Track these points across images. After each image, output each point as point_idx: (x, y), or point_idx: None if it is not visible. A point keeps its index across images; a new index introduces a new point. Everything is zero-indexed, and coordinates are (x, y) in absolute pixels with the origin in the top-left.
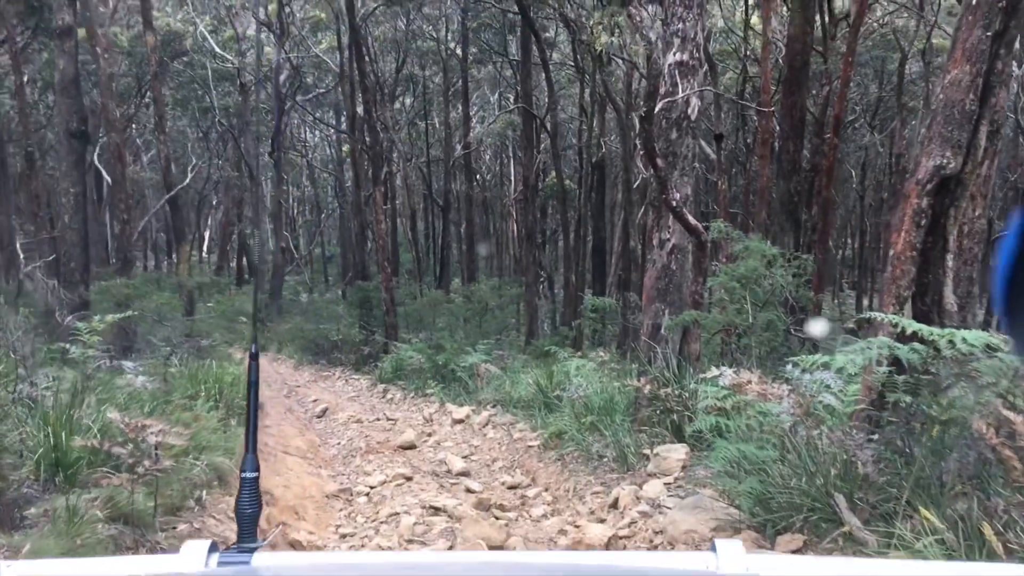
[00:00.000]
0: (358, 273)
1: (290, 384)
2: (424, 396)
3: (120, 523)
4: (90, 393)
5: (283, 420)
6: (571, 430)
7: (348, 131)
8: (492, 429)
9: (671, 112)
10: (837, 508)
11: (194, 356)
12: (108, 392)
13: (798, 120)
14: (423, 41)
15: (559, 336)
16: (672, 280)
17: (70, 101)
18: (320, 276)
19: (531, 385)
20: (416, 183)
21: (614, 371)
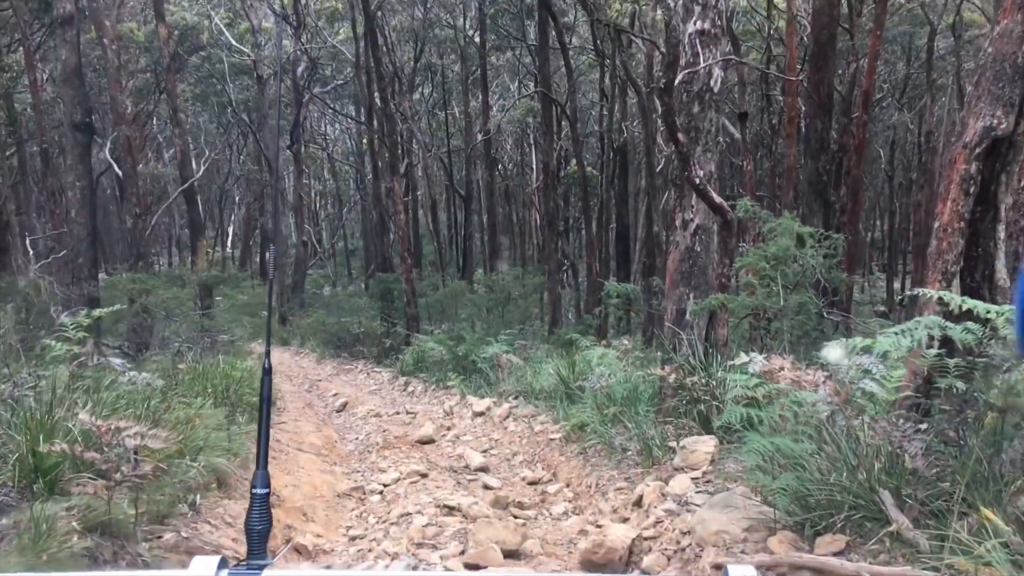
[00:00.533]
0: (379, 265)
1: (311, 378)
2: (445, 388)
3: (97, 534)
4: (81, 393)
5: (301, 415)
6: (593, 422)
7: (366, 121)
8: (513, 422)
9: (692, 85)
10: (883, 505)
11: (209, 352)
12: (105, 391)
13: (826, 97)
14: (440, 29)
15: (583, 325)
16: (697, 263)
17: (73, 92)
18: (343, 269)
19: (553, 375)
20: (437, 174)
21: (638, 360)
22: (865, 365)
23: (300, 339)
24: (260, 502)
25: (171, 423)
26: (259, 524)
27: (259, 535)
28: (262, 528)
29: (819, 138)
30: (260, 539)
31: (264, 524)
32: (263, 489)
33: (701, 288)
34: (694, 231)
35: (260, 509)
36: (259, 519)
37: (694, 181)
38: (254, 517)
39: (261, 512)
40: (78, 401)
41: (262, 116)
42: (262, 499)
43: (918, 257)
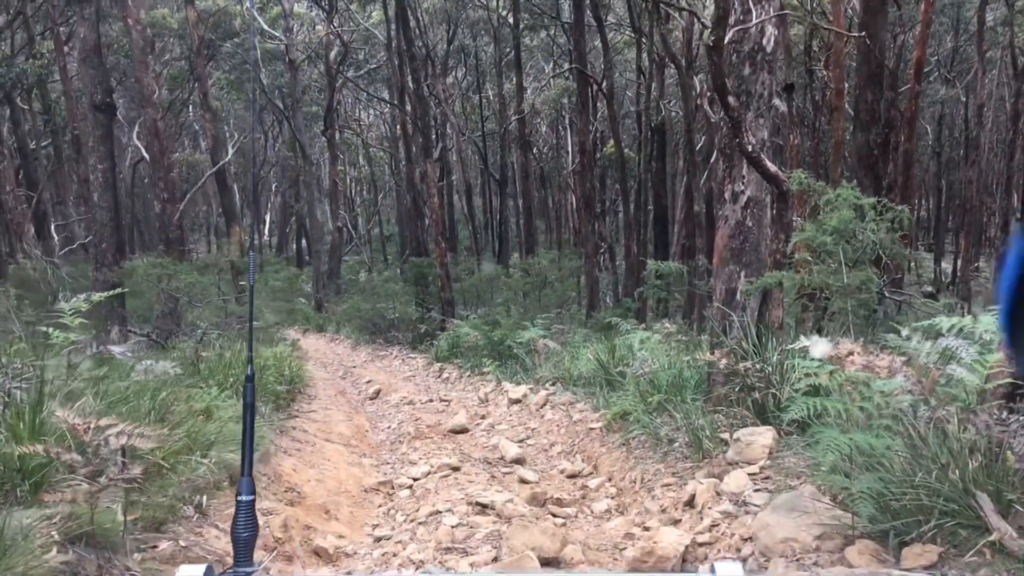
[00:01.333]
0: (414, 250)
1: (346, 365)
2: (481, 375)
3: (81, 545)
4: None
5: (333, 404)
6: (636, 410)
7: (398, 104)
8: (551, 410)
9: (743, 44)
10: (981, 511)
11: (238, 338)
12: (111, 383)
13: (876, 66)
14: (473, 10)
15: (622, 308)
16: (748, 238)
17: (93, 71)
18: (379, 255)
19: (592, 361)
20: (472, 158)
21: (682, 343)
22: (953, 348)
23: (336, 325)
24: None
25: (181, 416)
26: (245, 531)
27: (245, 542)
28: (248, 535)
29: (869, 110)
30: (246, 546)
31: (250, 531)
32: (248, 496)
33: (753, 266)
34: (745, 204)
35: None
36: (245, 526)
37: (746, 148)
38: (240, 524)
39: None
40: (74, 395)
41: (295, 101)
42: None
43: (969, 235)
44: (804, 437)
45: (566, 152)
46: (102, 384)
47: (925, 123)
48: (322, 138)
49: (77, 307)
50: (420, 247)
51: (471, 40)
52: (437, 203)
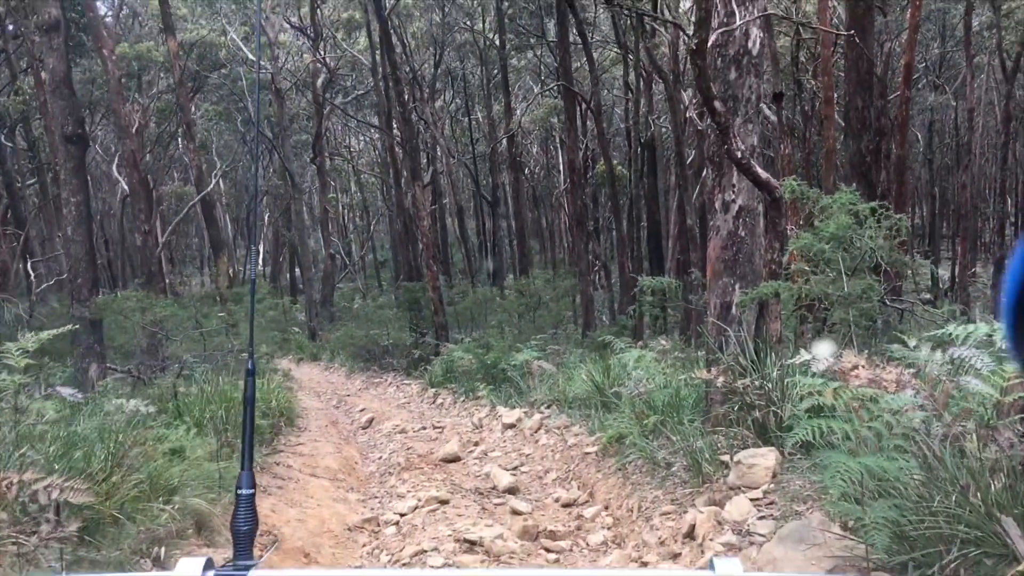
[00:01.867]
0: (407, 275)
1: (340, 393)
2: (475, 399)
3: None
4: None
5: (323, 435)
6: (632, 433)
7: (385, 128)
8: (545, 434)
9: (727, 48)
10: (1006, 536)
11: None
12: (61, 428)
13: (865, 73)
14: (460, 33)
15: (617, 326)
16: (741, 249)
17: (63, 103)
18: (374, 281)
19: (586, 382)
20: (463, 180)
21: (678, 361)
22: (966, 358)
23: (330, 354)
24: (245, 503)
25: (144, 459)
26: (244, 525)
27: (245, 536)
28: (247, 529)
29: (860, 117)
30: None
31: (249, 525)
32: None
33: (748, 277)
34: (736, 213)
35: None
36: (244, 520)
37: (735, 155)
38: (240, 518)
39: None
40: (28, 439)
41: (283, 130)
42: (247, 500)
43: (965, 241)
44: (809, 458)
45: (558, 172)
46: (55, 429)
47: (915, 130)
48: (312, 166)
49: (23, 346)
50: (413, 271)
51: (458, 63)
52: (428, 226)
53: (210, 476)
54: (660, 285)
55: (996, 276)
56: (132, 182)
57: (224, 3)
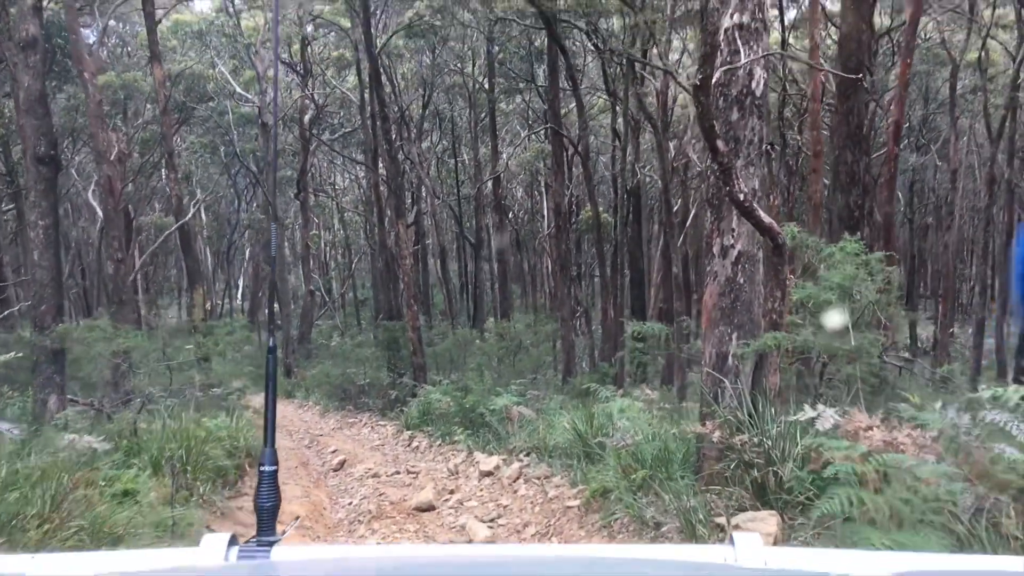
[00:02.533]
0: (388, 314)
1: (313, 433)
2: (451, 443)
3: None
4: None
5: (291, 477)
6: (618, 488)
7: (371, 164)
8: (524, 484)
9: (730, 88)
10: None
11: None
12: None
13: (855, 127)
14: (449, 75)
15: (598, 373)
16: (740, 297)
17: (37, 122)
18: (353, 319)
19: (568, 430)
20: (447, 222)
21: (665, 411)
22: (1000, 422)
23: (305, 391)
24: (268, 479)
25: (87, 504)
26: (268, 501)
27: (268, 512)
28: (271, 505)
29: (849, 171)
30: (269, 516)
31: (272, 501)
32: (271, 467)
33: (746, 327)
34: (736, 259)
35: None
36: (268, 496)
37: (737, 197)
38: (263, 494)
39: (270, 489)
40: None
41: (268, 164)
42: (270, 476)
43: (946, 300)
44: (811, 522)
45: (541, 216)
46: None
47: (896, 190)
48: (296, 201)
49: None
50: (393, 311)
51: (447, 104)
52: (410, 265)
53: (162, 523)
54: (650, 331)
55: (977, 338)
56: (107, 209)
57: (214, 36)
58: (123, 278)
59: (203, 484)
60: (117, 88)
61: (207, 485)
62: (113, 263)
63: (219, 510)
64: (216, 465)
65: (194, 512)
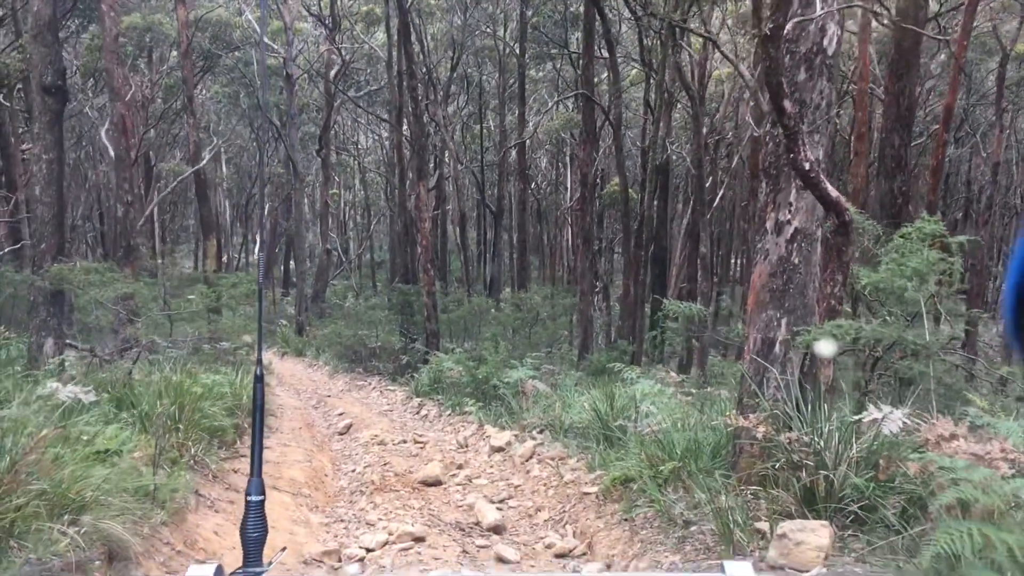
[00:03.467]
0: (403, 276)
1: (320, 393)
2: (462, 414)
3: None
4: None
5: (294, 439)
6: (642, 477)
7: (395, 123)
8: (538, 464)
9: (798, 44)
10: None
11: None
12: None
13: (905, 109)
14: (480, 38)
15: (617, 351)
16: (793, 278)
17: (45, 49)
18: (368, 281)
19: (587, 410)
20: (468, 188)
21: (690, 396)
22: None
23: (315, 351)
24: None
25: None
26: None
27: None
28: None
29: (896, 156)
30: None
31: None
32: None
33: (797, 312)
34: (791, 236)
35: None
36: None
37: (802, 167)
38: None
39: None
40: None
41: (291, 117)
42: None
43: (977, 296)
44: (869, 537)
45: (564, 188)
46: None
47: None
48: (317, 159)
49: None
50: (409, 274)
51: (475, 68)
52: (428, 228)
53: (142, 488)
54: (687, 311)
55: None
56: (119, 149)
57: None
58: (132, 222)
59: (196, 444)
60: (142, 30)
61: (200, 445)
62: (123, 206)
63: (211, 472)
64: (212, 425)
65: (180, 476)
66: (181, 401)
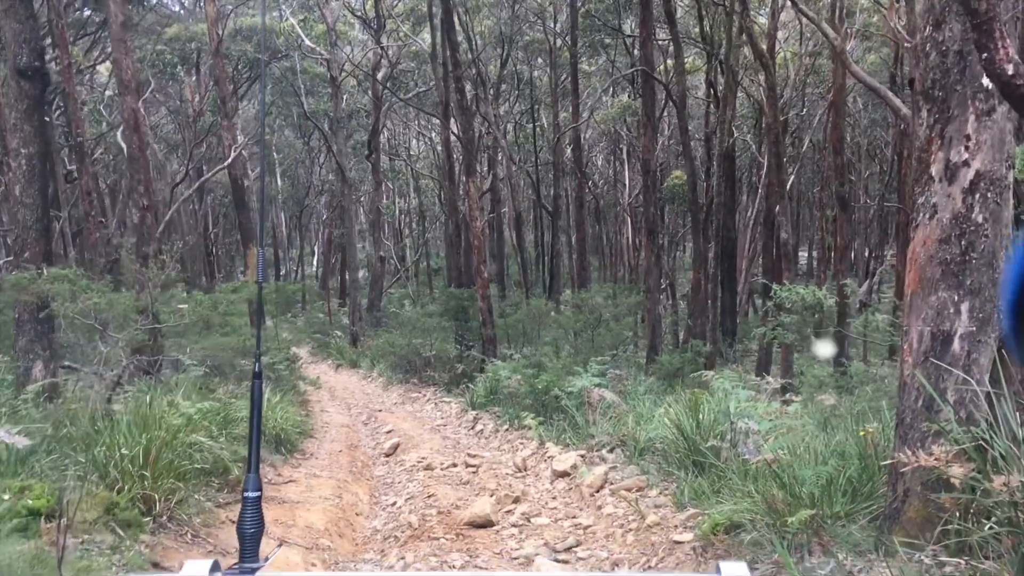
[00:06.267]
0: (457, 281)
1: (372, 407)
2: (520, 429)
3: None
4: None
5: (331, 465)
6: (756, 523)
7: (441, 117)
8: (611, 496)
9: None
10: None
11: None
12: None
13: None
14: (529, 30)
15: (691, 352)
16: (975, 244)
17: (19, 26)
18: (426, 288)
19: (668, 425)
20: (524, 190)
21: (792, 405)
22: None
23: (370, 362)
24: (252, 505)
25: None
26: (251, 527)
27: (251, 538)
28: (254, 531)
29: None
30: (252, 542)
31: (256, 527)
32: (255, 492)
33: (984, 292)
34: (971, 184)
35: (252, 512)
36: (251, 522)
37: (1002, 71)
38: (246, 520)
39: (253, 515)
40: None
41: (337, 121)
42: (254, 502)
43: None
44: None
45: (623, 185)
46: None
47: None
48: (366, 163)
49: None
50: (463, 278)
51: (525, 65)
52: (480, 227)
53: None
54: (811, 298)
55: None
56: (131, 148)
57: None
58: (150, 229)
59: (173, 494)
60: (185, 40)
61: (180, 493)
62: (138, 211)
63: (191, 530)
64: (196, 467)
65: (131, 546)
66: (150, 438)
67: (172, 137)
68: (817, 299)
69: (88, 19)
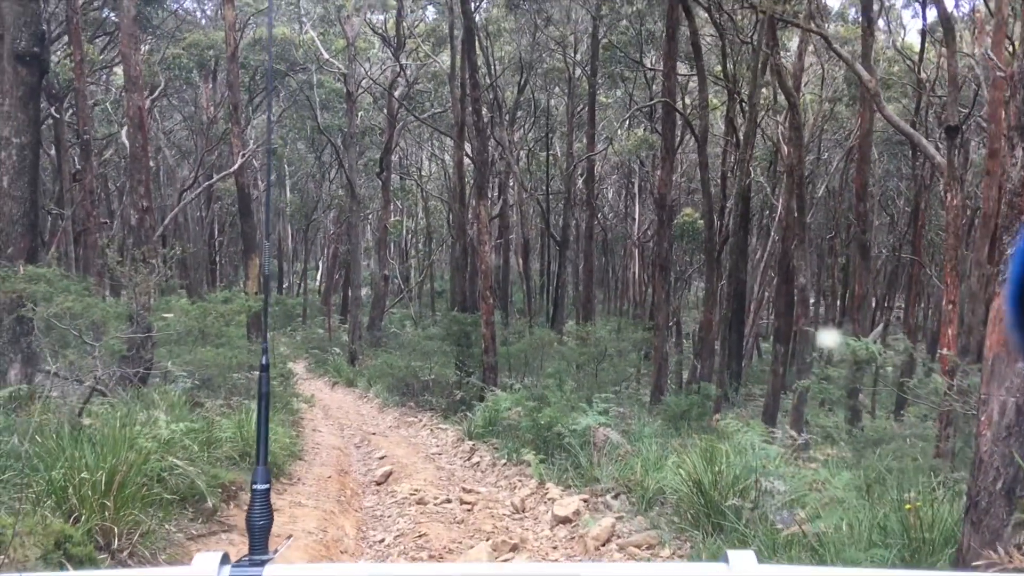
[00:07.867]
0: (461, 305)
1: (366, 430)
2: (519, 464)
3: None
4: None
5: (317, 493)
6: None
7: (455, 138)
8: (619, 553)
9: None
10: None
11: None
12: None
13: None
14: (549, 57)
15: (698, 395)
16: None
17: (19, 8)
18: (428, 310)
19: (682, 478)
20: (533, 219)
21: (819, 463)
22: None
23: (366, 381)
24: (261, 498)
25: None
26: (260, 520)
27: (260, 531)
28: (264, 524)
29: None
30: (262, 535)
31: (266, 520)
32: (264, 485)
33: None
34: None
35: (261, 505)
36: (260, 515)
37: None
38: (255, 513)
39: (262, 508)
40: None
41: (350, 136)
42: (263, 495)
43: None
44: None
45: (632, 219)
46: None
47: None
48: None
49: None
50: (467, 302)
51: (543, 91)
52: (488, 251)
53: None
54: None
55: None
56: (135, 147)
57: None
58: (148, 231)
59: (134, 528)
60: (204, 47)
61: (146, 525)
62: (137, 212)
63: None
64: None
65: None
66: (117, 461)
67: (185, 143)
68: (870, 353)
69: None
